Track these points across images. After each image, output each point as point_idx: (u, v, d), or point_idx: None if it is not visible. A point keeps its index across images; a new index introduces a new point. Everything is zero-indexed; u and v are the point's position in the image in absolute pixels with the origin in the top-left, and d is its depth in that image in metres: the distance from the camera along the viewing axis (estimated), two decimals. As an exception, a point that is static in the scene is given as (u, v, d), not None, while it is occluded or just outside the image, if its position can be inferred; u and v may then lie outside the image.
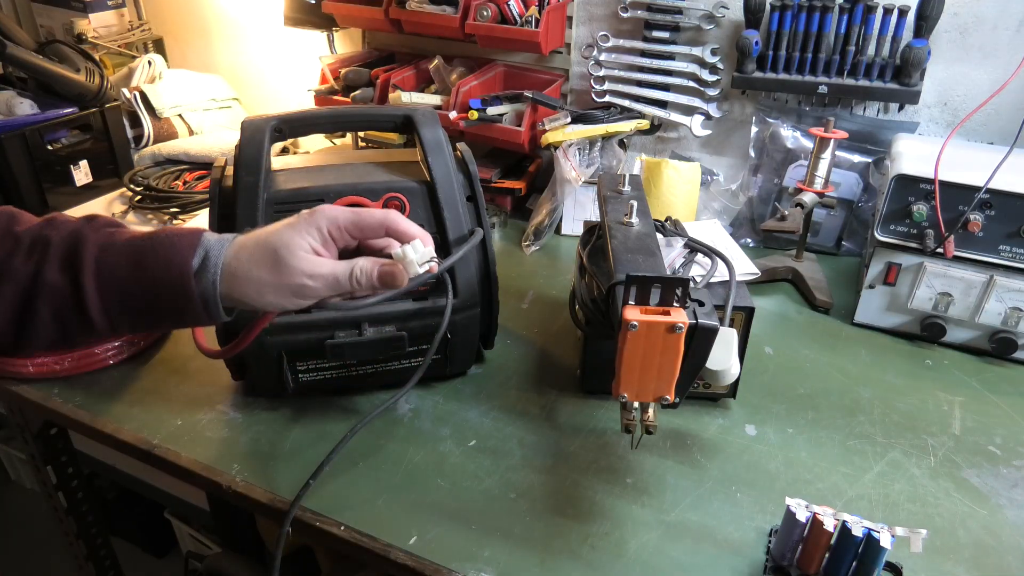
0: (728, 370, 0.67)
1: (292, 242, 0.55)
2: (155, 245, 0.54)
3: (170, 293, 0.53)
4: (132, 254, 0.53)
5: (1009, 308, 0.89)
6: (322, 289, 0.56)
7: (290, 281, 0.54)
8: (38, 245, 0.53)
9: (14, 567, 1.76)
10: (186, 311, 0.54)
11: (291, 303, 0.56)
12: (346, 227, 0.57)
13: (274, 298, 0.55)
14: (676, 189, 1.13)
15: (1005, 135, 1.08)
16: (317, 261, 0.55)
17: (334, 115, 0.88)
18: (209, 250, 0.54)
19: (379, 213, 0.58)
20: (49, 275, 0.52)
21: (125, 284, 0.53)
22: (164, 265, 0.53)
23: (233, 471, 0.72)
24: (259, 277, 0.54)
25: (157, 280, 0.53)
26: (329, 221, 0.56)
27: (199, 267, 0.54)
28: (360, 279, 0.57)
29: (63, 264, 0.53)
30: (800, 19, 1.09)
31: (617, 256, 0.67)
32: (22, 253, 0.53)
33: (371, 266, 0.57)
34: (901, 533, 0.56)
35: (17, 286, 0.52)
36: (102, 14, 1.59)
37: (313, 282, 0.55)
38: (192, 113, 1.53)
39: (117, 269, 0.53)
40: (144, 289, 0.53)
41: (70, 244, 0.53)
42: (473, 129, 1.21)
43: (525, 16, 1.18)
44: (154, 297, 0.54)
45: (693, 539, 0.65)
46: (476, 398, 0.83)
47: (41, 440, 1.17)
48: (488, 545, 0.64)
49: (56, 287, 0.52)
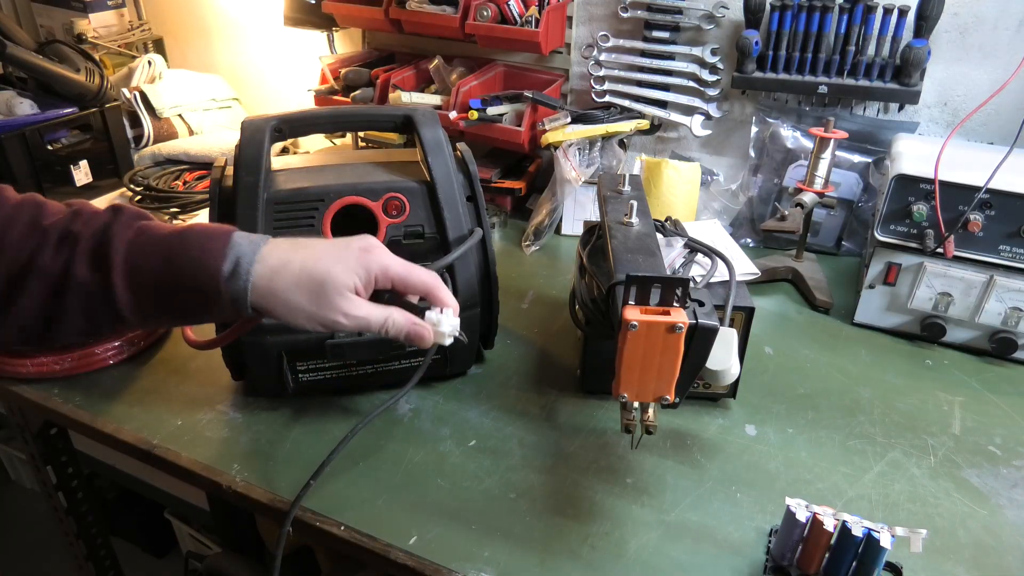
0: (728, 370, 0.67)
1: (339, 280, 0.56)
2: (186, 244, 0.54)
3: (200, 295, 0.54)
4: (162, 253, 0.54)
5: (1009, 308, 0.89)
6: (351, 327, 0.58)
7: (326, 315, 0.56)
8: (67, 241, 0.53)
9: (14, 567, 1.76)
10: (214, 310, 0.55)
11: (317, 329, 0.58)
12: (394, 279, 0.59)
13: (304, 323, 0.57)
14: (676, 189, 1.13)
15: (1005, 135, 1.08)
16: (357, 303, 0.57)
17: (334, 115, 0.88)
18: (241, 256, 0.55)
19: (426, 276, 0.60)
20: (79, 272, 0.53)
21: (157, 283, 0.54)
22: (196, 267, 0.53)
23: (233, 471, 0.72)
24: (297, 303, 0.55)
25: (187, 281, 0.54)
26: (382, 269, 0.58)
27: (230, 273, 0.54)
28: (390, 331, 0.59)
29: (92, 262, 0.53)
30: (800, 19, 1.09)
31: (617, 256, 0.67)
32: (50, 248, 0.53)
33: (404, 323, 0.59)
34: (901, 533, 0.56)
35: (46, 282, 0.53)
36: (102, 14, 1.59)
37: (347, 321, 0.57)
38: (192, 113, 1.53)
39: (147, 269, 0.53)
40: (174, 288, 0.54)
41: (99, 240, 0.54)
42: (473, 129, 1.21)
43: (525, 16, 1.18)
44: (184, 296, 0.54)
45: (693, 539, 0.65)
46: (476, 398, 0.83)
47: (41, 440, 1.17)
48: (488, 545, 0.64)
49: (86, 284, 0.53)
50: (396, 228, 0.77)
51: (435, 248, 0.78)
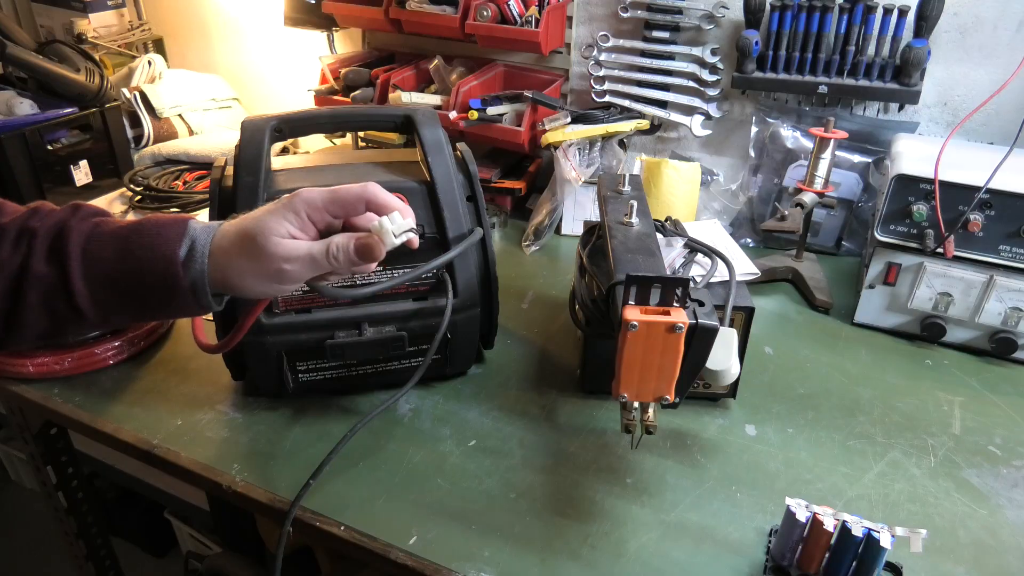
0: (728, 370, 0.67)
1: (267, 227, 0.54)
2: (141, 234, 0.54)
3: (158, 282, 0.53)
4: (118, 243, 0.53)
5: (1009, 308, 0.89)
6: (301, 271, 0.55)
7: (268, 267, 0.54)
8: (24, 236, 0.53)
9: (14, 567, 1.76)
10: (175, 299, 0.54)
11: (273, 289, 0.56)
12: (324, 206, 0.56)
13: (255, 283, 0.55)
14: (676, 189, 1.13)
15: (1005, 135, 1.08)
16: (293, 244, 0.55)
17: (334, 115, 0.88)
18: (196, 239, 0.54)
19: (356, 187, 0.57)
20: (36, 266, 0.52)
21: (112, 274, 0.53)
22: (150, 254, 0.53)
23: (233, 471, 0.72)
24: (239, 265, 0.54)
25: (144, 269, 0.53)
26: (307, 203, 0.55)
27: (186, 256, 0.53)
28: (337, 255, 0.55)
29: (49, 255, 0.53)
30: (800, 19, 1.09)
31: (617, 256, 0.67)
32: (8, 244, 0.53)
33: (346, 241, 0.56)
34: (901, 533, 0.56)
35: (4, 278, 0.52)
36: (102, 14, 1.59)
37: (290, 265, 0.54)
38: (192, 113, 1.53)
39: (103, 259, 0.53)
40: (131, 278, 0.53)
41: (55, 235, 0.53)
42: (473, 129, 1.21)
43: (525, 16, 1.18)
44: (142, 286, 0.53)
45: (693, 539, 0.65)
46: (476, 398, 0.83)
47: (41, 440, 1.17)
48: (488, 545, 0.64)
49: (43, 277, 0.52)
50: (396, 228, 0.77)
51: (435, 248, 0.78)
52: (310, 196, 0.56)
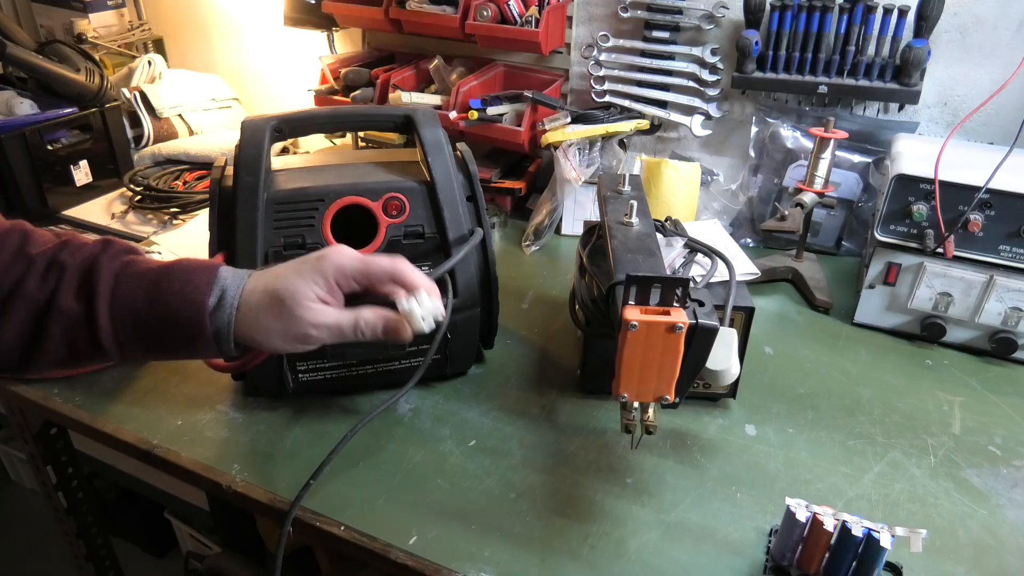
0: (728, 370, 0.67)
1: (298, 291, 0.55)
2: (171, 279, 0.54)
3: (185, 329, 0.54)
4: (148, 286, 0.54)
5: (1009, 308, 0.89)
6: (326, 338, 0.57)
7: (295, 330, 0.55)
8: (53, 269, 0.53)
9: (14, 567, 1.76)
10: (197, 345, 0.55)
11: (296, 348, 0.57)
12: (353, 275, 0.57)
13: (280, 343, 0.56)
14: (676, 189, 1.13)
15: (1005, 135, 1.08)
16: (322, 311, 0.56)
17: (334, 115, 0.88)
18: (226, 289, 0.55)
19: (386, 262, 0.58)
20: (64, 301, 0.52)
21: (139, 315, 0.53)
22: (180, 300, 0.53)
23: (233, 471, 0.72)
24: (266, 324, 0.55)
25: (172, 315, 0.53)
26: (336, 270, 0.56)
27: (215, 305, 0.54)
28: (364, 331, 0.57)
29: (78, 291, 0.53)
30: (800, 19, 1.09)
31: (617, 256, 0.67)
32: (36, 276, 0.53)
33: (375, 319, 0.57)
34: (901, 533, 0.56)
35: (30, 309, 0.52)
36: (102, 14, 1.59)
37: (317, 332, 0.56)
38: (192, 113, 1.53)
39: (132, 300, 0.53)
40: (158, 322, 0.53)
41: (85, 271, 0.53)
42: (473, 129, 1.21)
43: (525, 16, 1.18)
44: (166, 330, 0.54)
45: (693, 539, 0.65)
46: (476, 398, 0.83)
47: (41, 440, 1.17)
48: (488, 545, 0.64)
49: (70, 313, 0.52)
50: (396, 228, 0.77)
51: (435, 248, 0.78)
52: (340, 262, 0.57)
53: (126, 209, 1.28)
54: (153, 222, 1.25)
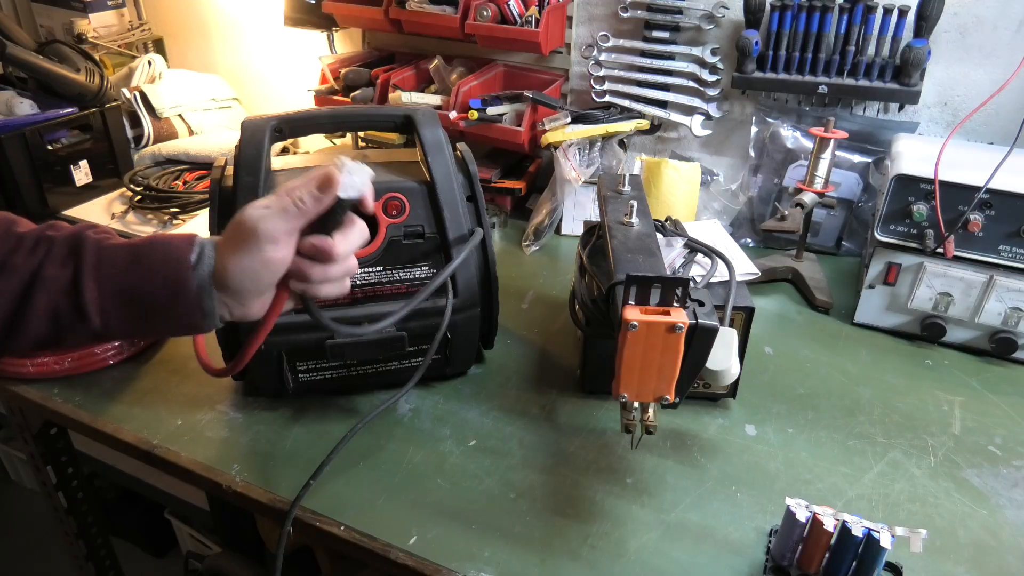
0: (728, 370, 0.67)
1: (246, 208, 0.56)
2: (153, 243, 0.56)
3: (168, 285, 0.55)
4: (131, 250, 0.56)
5: (1009, 308, 0.89)
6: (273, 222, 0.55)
7: (245, 233, 0.55)
8: (41, 243, 0.55)
9: (14, 567, 1.76)
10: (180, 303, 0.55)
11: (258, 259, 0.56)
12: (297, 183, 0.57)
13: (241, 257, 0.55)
14: (676, 189, 1.13)
15: (1005, 135, 1.08)
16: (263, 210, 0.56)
17: (334, 115, 0.88)
18: (204, 247, 0.56)
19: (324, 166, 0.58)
20: (50, 269, 0.54)
21: (123, 278, 0.55)
22: (162, 258, 0.55)
23: (233, 471, 0.72)
24: (226, 248, 0.56)
25: (156, 272, 0.55)
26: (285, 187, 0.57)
27: (196, 260, 0.55)
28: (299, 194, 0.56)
29: (64, 259, 0.55)
30: (800, 19, 1.09)
31: (617, 256, 0.67)
32: (24, 251, 0.54)
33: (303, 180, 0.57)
34: (901, 533, 0.56)
35: (18, 281, 0.54)
36: (102, 14, 1.59)
37: (263, 223, 0.55)
38: (192, 113, 1.53)
39: (116, 263, 0.55)
40: (143, 280, 0.55)
41: (72, 242, 0.55)
42: (473, 129, 1.21)
43: (525, 16, 1.18)
44: (151, 291, 0.55)
45: (693, 539, 0.65)
46: (476, 398, 0.83)
47: (41, 440, 1.17)
48: (488, 545, 0.64)
49: (56, 279, 0.54)
50: (396, 228, 0.77)
51: (435, 248, 0.78)
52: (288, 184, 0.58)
53: (126, 209, 1.28)
54: (153, 222, 1.25)
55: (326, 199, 0.58)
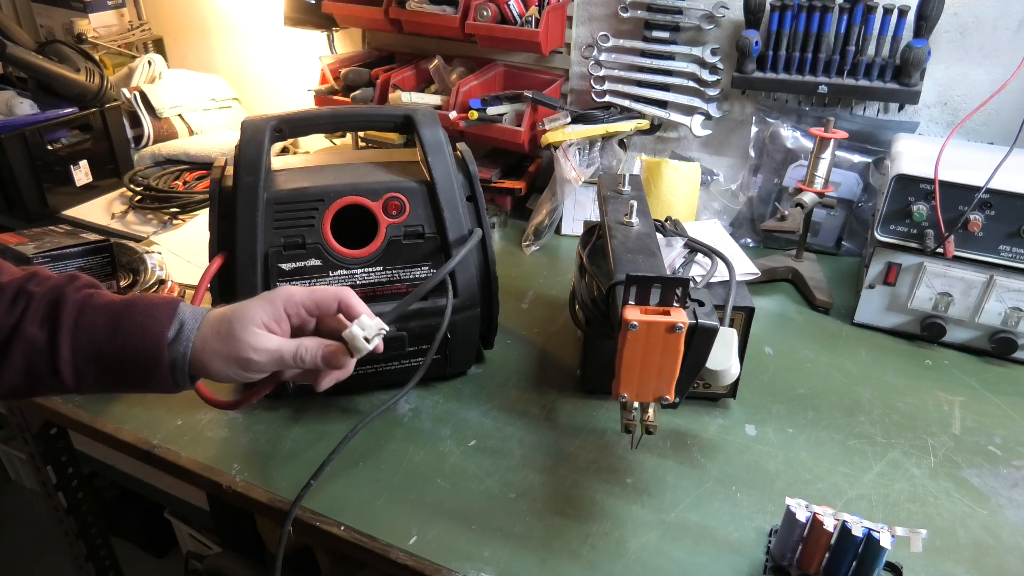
0: (728, 370, 0.67)
1: (245, 315, 0.57)
2: (134, 312, 0.56)
3: (143, 359, 0.55)
4: (110, 318, 0.55)
5: (1009, 308, 0.89)
6: (266, 364, 0.57)
7: (237, 353, 0.56)
8: (21, 298, 0.55)
9: (14, 567, 1.76)
10: (154, 377, 0.56)
11: (237, 374, 0.58)
12: (302, 302, 0.59)
13: (222, 366, 0.57)
14: (676, 189, 1.13)
15: (1005, 135, 1.08)
16: (265, 336, 0.57)
17: (334, 115, 0.88)
18: (184, 322, 0.57)
19: (333, 290, 0.61)
20: (28, 329, 0.54)
21: (100, 345, 0.55)
22: (141, 332, 0.55)
23: (233, 471, 0.72)
24: (213, 347, 0.56)
25: (132, 345, 0.55)
26: (286, 298, 0.59)
27: (174, 337, 0.56)
28: (304, 357, 0.58)
29: (43, 320, 0.54)
30: (800, 19, 1.09)
31: (617, 256, 0.67)
32: (3, 305, 0.54)
33: (316, 346, 0.59)
34: (901, 533, 0.56)
35: None
36: (102, 14, 1.59)
37: (257, 356, 0.57)
38: (192, 113, 1.53)
39: (94, 330, 0.55)
40: (118, 352, 0.55)
41: (51, 300, 0.55)
42: (473, 129, 1.21)
43: (525, 16, 1.18)
44: (126, 360, 0.55)
45: (693, 539, 0.65)
46: (476, 398, 0.83)
47: (41, 440, 1.17)
48: (488, 545, 0.64)
49: (33, 340, 0.54)
50: (396, 228, 0.77)
51: (435, 248, 0.78)
52: (290, 291, 0.59)
53: (126, 209, 1.28)
54: (153, 222, 1.25)
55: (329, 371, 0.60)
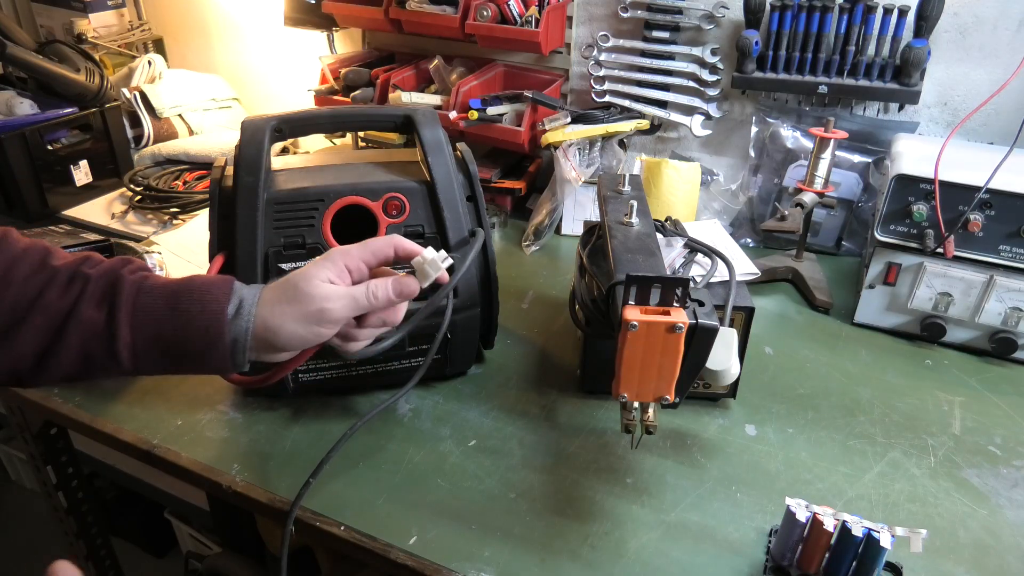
0: (728, 370, 0.67)
1: (309, 273, 0.58)
2: (192, 290, 0.56)
3: (204, 337, 0.55)
4: (169, 296, 0.55)
5: (1009, 308, 0.89)
6: (341, 310, 0.58)
7: (310, 307, 0.57)
8: (77, 281, 0.54)
9: (14, 567, 1.76)
10: (213, 354, 0.56)
11: (313, 332, 0.58)
12: (361, 256, 0.60)
13: (296, 326, 0.57)
14: (676, 189, 1.13)
15: (1005, 135, 1.08)
16: (332, 287, 0.58)
17: (334, 115, 0.88)
18: (244, 299, 0.57)
19: (386, 237, 0.62)
20: (85, 311, 0.53)
21: (160, 326, 0.55)
22: (200, 309, 0.55)
23: (233, 471, 0.72)
24: (281, 310, 0.57)
25: (193, 323, 0.55)
26: (342, 254, 0.60)
27: (234, 313, 0.56)
28: (377, 293, 0.59)
29: (100, 301, 0.54)
30: (800, 19, 1.09)
31: (617, 256, 0.67)
32: (58, 287, 0.54)
33: (384, 281, 0.60)
34: (901, 533, 0.56)
35: (50, 320, 0.53)
36: (102, 14, 1.59)
37: (331, 304, 0.57)
38: (192, 113, 1.53)
39: (153, 309, 0.55)
40: (179, 331, 0.55)
41: (109, 281, 0.55)
42: (473, 129, 1.21)
43: (525, 16, 1.18)
44: (187, 340, 0.55)
45: (693, 539, 0.65)
46: (476, 398, 0.83)
47: (41, 440, 1.17)
48: (488, 545, 0.64)
49: (91, 322, 0.53)
50: (396, 228, 0.77)
51: (435, 248, 0.78)
52: (344, 248, 0.60)
53: (126, 209, 1.28)
54: (153, 222, 1.25)
55: (399, 303, 0.61)
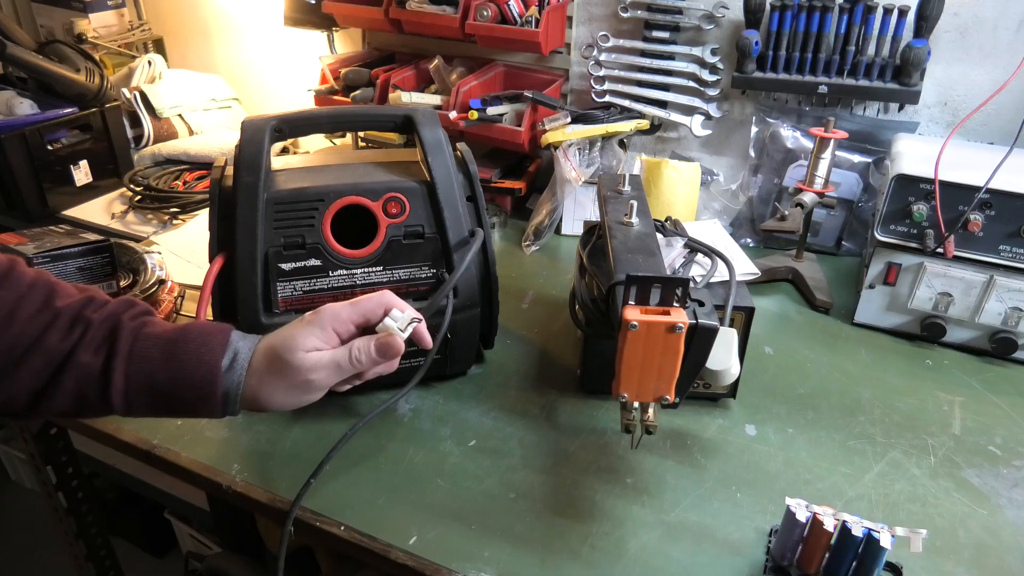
0: (728, 370, 0.67)
1: (294, 343, 0.58)
2: (188, 340, 0.56)
3: (196, 388, 0.56)
4: (164, 346, 0.56)
5: (1009, 308, 0.89)
6: (327, 378, 0.59)
7: (296, 379, 0.57)
8: (78, 325, 0.55)
9: (14, 567, 1.76)
10: (204, 404, 0.56)
11: (302, 399, 0.59)
12: (350, 319, 0.60)
13: (284, 397, 0.58)
14: (676, 189, 1.13)
15: (1005, 135, 1.08)
16: (317, 355, 0.58)
17: (334, 115, 0.88)
18: (238, 352, 0.57)
19: (375, 296, 0.62)
20: (83, 356, 0.54)
21: (153, 374, 0.55)
22: (195, 362, 0.55)
23: (233, 471, 0.72)
24: (270, 381, 0.57)
25: (186, 374, 0.55)
26: (332, 316, 0.60)
27: (228, 366, 0.56)
28: (360, 357, 0.59)
29: (98, 347, 0.55)
30: (800, 19, 1.09)
31: (617, 256, 0.67)
32: (59, 331, 0.54)
33: (366, 342, 0.60)
34: (901, 533, 0.56)
35: (48, 361, 0.54)
36: (102, 14, 1.59)
37: (316, 375, 0.58)
38: (192, 113, 1.53)
39: (149, 359, 0.55)
40: (171, 381, 0.55)
41: (108, 328, 0.55)
42: (473, 129, 1.21)
43: (525, 16, 1.18)
44: (179, 389, 0.56)
45: (693, 539, 0.65)
46: (476, 398, 0.83)
47: (41, 440, 1.17)
48: (488, 545, 0.64)
49: (86, 368, 0.54)
50: (396, 228, 0.77)
51: (435, 248, 0.78)
52: (334, 310, 0.60)
53: (126, 209, 1.28)
54: (153, 222, 1.25)
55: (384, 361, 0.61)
